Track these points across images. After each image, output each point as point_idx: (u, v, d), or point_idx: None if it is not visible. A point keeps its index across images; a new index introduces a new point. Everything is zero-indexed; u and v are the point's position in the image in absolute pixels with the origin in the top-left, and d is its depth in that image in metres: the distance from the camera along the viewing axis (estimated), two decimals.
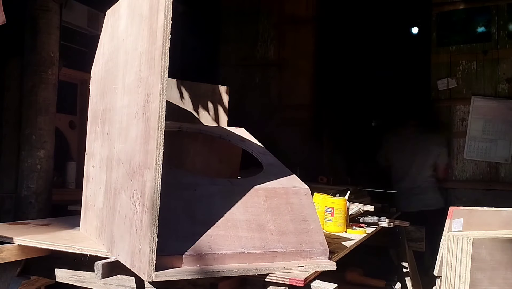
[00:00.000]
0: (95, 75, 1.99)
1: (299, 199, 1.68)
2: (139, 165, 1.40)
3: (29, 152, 2.83)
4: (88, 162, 1.97)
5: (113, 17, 1.82)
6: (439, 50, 4.55)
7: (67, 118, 3.62)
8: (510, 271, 1.77)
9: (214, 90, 2.83)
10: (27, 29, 2.87)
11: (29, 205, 2.82)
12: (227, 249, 1.43)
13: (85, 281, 1.75)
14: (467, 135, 4.39)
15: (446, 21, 4.53)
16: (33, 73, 2.85)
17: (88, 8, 3.70)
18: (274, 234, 1.54)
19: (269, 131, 4.61)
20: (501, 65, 4.33)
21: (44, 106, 2.87)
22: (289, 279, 1.43)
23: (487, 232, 1.95)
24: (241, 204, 1.56)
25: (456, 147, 4.48)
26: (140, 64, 1.45)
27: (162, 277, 1.30)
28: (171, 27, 1.30)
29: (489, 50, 4.35)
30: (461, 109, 4.46)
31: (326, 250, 1.61)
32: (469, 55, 4.43)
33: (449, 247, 1.86)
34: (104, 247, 1.65)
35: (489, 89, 4.37)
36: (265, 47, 5.21)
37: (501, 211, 2.04)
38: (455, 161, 4.47)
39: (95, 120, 1.91)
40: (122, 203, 1.51)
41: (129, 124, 1.51)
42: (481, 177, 4.34)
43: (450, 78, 4.49)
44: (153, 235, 1.28)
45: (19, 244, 1.75)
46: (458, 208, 1.95)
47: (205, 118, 2.75)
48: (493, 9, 4.35)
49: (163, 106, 1.30)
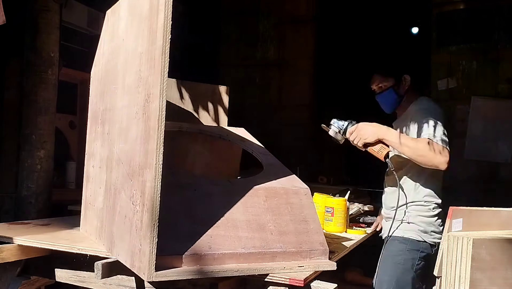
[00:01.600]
0: (95, 75, 1.99)
1: (299, 199, 1.68)
2: (139, 165, 1.40)
3: (29, 152, 2.83)
4: (88, 162, 1.97)
5: (113, 17, 1.82)
6: (439, 50, 4.54)
7: (67, 118, 3.62)
8: (510, 271, 1.77)
9: (214, 90, 2.83)
10: (27, 29, 2.87)
11: (29, 205, 2.82)
12: (227, 249, 1.43)
13: (85, 281, 1.75)
14: (467, 135, 4.39)
15: (446, 21, 4.53)
16: (33, 73, 2.85)
17: (88, 8, 3.71)
18: (274, 234, 1.54)
19: (269, 131, 4.61)
20: (501, 65, 4.32)
21: (44, 106, 2.87)
22: (289, 279, 1.43)
23: (487, 232, 1.95)
24: (241, 204, 1.56)
25: (456, 147, 4.47)
26: (140, 64, 1.45)
27: (162, 277, 1.30)
28: (171, 27, 1.30)
29: (489, 50, 4.35)
30: (461, 109, 4.45)
31: (326, 250, 1.61)
32: (469, 55, 4.42)
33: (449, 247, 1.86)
34: (104, 247, 1.65)
35: (489, 89, 4.36)
36: (265, 47, 5.21)
37: (501, 211, 2.04)
38: (455, 161, 4.46)
39: (95, 120, 1.91)
40: (122, 203, 1.51)
41: (129, 124, 1.51)
42: (481, 177, 4.33)
43: (450, 78, 4.49)
44: (153, 235, 1.28)
45: (19, 244, 1.75)
46: (458, 208, 1.94)
47: (205, 118, 2.75)
48: (493, 9, 4.35)
49: (163, 106, 1.30)
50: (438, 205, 2.31)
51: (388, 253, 2.26)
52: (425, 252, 2.25)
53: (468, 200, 2.32)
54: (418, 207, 2.29)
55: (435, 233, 2.28)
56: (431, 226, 2.28)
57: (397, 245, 2.27)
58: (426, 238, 2.26)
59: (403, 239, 2.27)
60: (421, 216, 2.28)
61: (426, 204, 2.29)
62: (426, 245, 2.26)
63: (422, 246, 2.25)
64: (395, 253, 2.25)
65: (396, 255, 2.25)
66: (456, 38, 4.47)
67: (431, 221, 2.28)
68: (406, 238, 2.27)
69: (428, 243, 2.26)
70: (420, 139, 2.12)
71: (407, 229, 2.28)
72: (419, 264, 2.23)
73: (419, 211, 2.29)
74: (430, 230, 2.27)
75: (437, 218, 2.30)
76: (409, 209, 2.29)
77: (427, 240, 2.26)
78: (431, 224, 2.28)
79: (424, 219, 2.28)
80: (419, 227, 2.27)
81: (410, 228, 2.28)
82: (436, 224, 2.29)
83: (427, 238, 2.26)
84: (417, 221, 2.28)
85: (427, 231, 2.27)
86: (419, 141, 2.11)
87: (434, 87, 4.55)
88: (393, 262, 2.24)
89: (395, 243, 2.27)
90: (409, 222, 2.28)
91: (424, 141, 2.09)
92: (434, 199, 2.30)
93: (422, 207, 2.29)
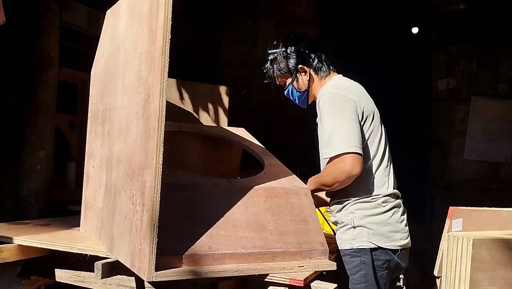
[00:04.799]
0: (95, 75, 1.99)
1: (299, 199, 1.68)
2: (139, 165, 1.40)
3: (29, 152, 2.83)
4: (88, 162, 1.97)
5: (113, 17, 1.82)
6: (439, 50, 4.55)
7: (67, 118, 3.63)
8: (510, 271, 1.77)
9: (214, 90, 2.83)
10: (27, 29, 2.87)
11: (29, 205, 2.82)
12: (227, 249, 1.43)
13: (85, 281, 1.75)
14: (467, 135, 4.39)
15: (446, 21, 4.53)
16: (33, 73, 2.85)
17: (88, 8, 3.70)
18: (274, 234, 1.54)
19: (269, 131, 4.61)
20: (501, 65, 4.33)
21: (44, 106, 2.87)
22: (289, 279, 1.43)
23: (487, 232, 1.95)
24: (241, 204, 1.56)
25: (456, 147, 4.48)
26: (140, 64, 1.45)
27: (162, 277, 1.30)
28: (171, 27, 1.30)
29: (489, 50, 4.35)
30: (461, 109, 4.45)
31: (326, 250, 1.61)
32: (469, 55, 4.43)
33: (449, 247, 1.86)
34: (104, 247, 1.65)
35: (489, 89, 4.37)
36: (265, 47, 5.20)
37: (501, 211, 2.04)
38: (455, 161, 4.47)
39: (95, 120, 1.91)
40: (122, 203, 1.51)
41: (129, 124, 1.51)
42: (481, 177, 4.33)
43: (450, 78, 4.49)
44: (153, 235, 1.28)
45: (19, 244, 1.75)
46: (458, 208, 1.94)
47: (205, 118, 2.75)
48: (493, 9, 4.35)
49: (163, 106, 1.30)
50: (389, 197, 1.87)
51: (345, 272, 1.83)
52: (383, 259, 1.83)
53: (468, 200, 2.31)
54: (363, 204, 1.85)
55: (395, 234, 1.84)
56: (386, 225, 1.83)
57: (349, 260, 1.83)
58: (382, 244, 1.81)
59: (353, 251, 1.82)
60: (369, 215, 1.84)
61: (372, 199, 1.85)
62: (384, 252, 1.82)
63: (378, 253, 1.82)
64: (351, 271, 1.82)
65: (353, 274, 1.81)
66: (456, 38, 4.47)
67: (384, 220, 1.83)
68: (356, 249, 1.82)
69: (386, 250, 1.82)
70: (320, 175, 1.87)
71: (355, 236, 1.83)
72: (380, 274, 1.83)
73: (365, 209, 1.84)
74: (386, 231, 1.83)
75: (392, 214, 1.86)
76: (353, 209, 1.86)
77: (384, 246, 1.81)
78: (385, 223, 1.83)
79: (374, 218, 1.84)
80: (369, 230, 1.82)
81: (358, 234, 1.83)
82: (392, 221, 1.84)
83: (382, 243, 1.81)
84: (365, 223, 1.83)
85: (383, 233, 1.82)
86: (321, 176, 1.86)
87: (434, 87, 4.55)
88: (352, 282, 1.81)
89: (346, 258, 1.84)
90: (355, 226, 1.84)
91: (325, 171, 1.83)
92: (379, 190, 1.86)
93: (368, 204, 1.85)
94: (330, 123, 1.82)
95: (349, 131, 1.77)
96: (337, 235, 1.91)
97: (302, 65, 2.04)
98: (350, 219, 1.85)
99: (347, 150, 1.74)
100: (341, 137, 1.77)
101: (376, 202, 1.85)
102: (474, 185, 4.29)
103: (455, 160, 4.47)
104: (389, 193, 1.87)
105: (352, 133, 1.77)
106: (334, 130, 1.79)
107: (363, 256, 1.81)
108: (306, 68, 2.04)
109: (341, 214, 1.90)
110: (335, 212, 1.94)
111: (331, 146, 1.78)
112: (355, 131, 1.78)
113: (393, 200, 1.88)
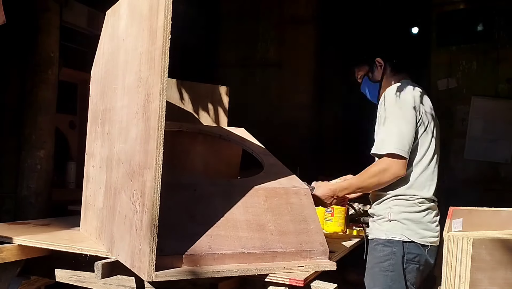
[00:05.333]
0: (95, 75, 1.99)
1: (299, 199, 1.68)
2: (139, 165, 1.40)
3: (29, 152, 2.83)
4: (88, 162, 1.97)
5: (113, 17, 1.82)
6: (439, 50, 4.54)
7: (67, 118, 3.62)
8: (510, 271, 1.77)
9: (214, 90, 2.83)
10: (27, 29, 2.87)
11: (29, 205, 2.82)
12: (227, 249, 1.43)
13: (85, 281, 1.75)
14: (467, 135, 4.39)
15: (446, 21, 4.52)
16: (33, 73, 2.85)
17: (88, 8, 3.70)
18: (274, 234, 1.54)
19: (269, 131, 4.61)
20: (501, 65, 4.32)
21: (44, 106, 2.87)
22: (289, 279, 1.43)
23: (487, 232, 1.94)
24: (241, 204, 1.56)
25: (456, 147, 4.47)
26: (140, 64, 1.45)
27: (162, 277, 1.30)
28: (171, 27, 1.30)
29: (489, 50, 4.35)
30: (461, 109, 4.45)
31: (326, 250, 1.61)
32: (469, 55, 4.42)
33: (449, 247, 1.86)
34: (104, 247, 1.65)
35: (489, 89, 4.36)
36: (265, 47, 5.22)
37: (501, 211, 2.04)
38: (455, 161, 4.47)
39: (95, 120, 1.91)
40: (122, 203, 1.51)
41: (129, 124, 1.51)
42: (481, 177, 4.33)
43: (450, 78, 4.49)
44: (153, 235, 1.28)
45: (19, 244, 1.75)
46: (458, 208, 1.94)
47: (205, 118, 2.75)
48: (493, 9, 4.35)
49: (163, 106, 1.30)
50: (426, 200, 2.01)
51: (373, 259, 2.00)
52: (414, 253, 1.97)
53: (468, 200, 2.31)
54: (401, 201, 1.99)
55: (425, 231, 2.00)
56: (419, 223, 1.99)
57: (381, 249, 1.98)
58: (414, 238, 1.97)
59: (386, 241, 1.98)
60: (405, 212, 1.99)
61: (410, 198, 1.99)
62: (415, 246, 1.97)
63: (410, 246, 1.96)
64: (381, 259, 1.97)
65: (382, 261, 1.97)
66: (456, 38, 4.47)
67: (417, 218, 1.99)
68: (389, 240, 1.97)
69: (417, 244, 1.97)
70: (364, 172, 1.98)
71: (390, 228, 1.99)
72: (410, 268, 1.97)
73: (402, 206, 1.99)
74: (418, 228, 1.98)
75: (426, 214, 2.01)
76: (391, 204, 2.01)
77: (416, 240, 1.97)
78: (418, 221, 1.99)
79: (409, 215, 1.99)
80: (403, 225, 1.98)
81: (393, 227, 1.99)
82: (424, 221, 2.00)
83: (414, 237, 1.97)
84: (401, 218, 1.99)
85: (414, 229, 1.98)
86: (364, 175, 1.98)
87: (434, 87, 4.55)
88: (380, 269, 1.97)
89: (378, 247, 1.99)
90: (391, 220, 2.00)
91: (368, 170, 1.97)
92: (419, 192, 2.00)
93: (405, 201, 1.99)
94: (389, 123, 1.96)
95: (403, 135, 1.93)
96: (372, 225, 2.08)
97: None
98: (387, 212, 2.01)
99: (397, 152, 1.90)
100: (397, 138, 1.92)
101: (413, 202, 2.00)
102: (474, 185, 4.29)
103: (455, 160, 4.47)
104: (427, 197, 2.02)
105: (405, 138, 1.93)
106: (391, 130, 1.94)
107: (394, 247, 1.97)
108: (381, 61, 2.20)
109: (379, 206, 2.04)
110: (374, 204, 2.09)
111: (383, 144, 1.93)
112: (409, 136, 1.94)
113: (429, 202, 2.03)
